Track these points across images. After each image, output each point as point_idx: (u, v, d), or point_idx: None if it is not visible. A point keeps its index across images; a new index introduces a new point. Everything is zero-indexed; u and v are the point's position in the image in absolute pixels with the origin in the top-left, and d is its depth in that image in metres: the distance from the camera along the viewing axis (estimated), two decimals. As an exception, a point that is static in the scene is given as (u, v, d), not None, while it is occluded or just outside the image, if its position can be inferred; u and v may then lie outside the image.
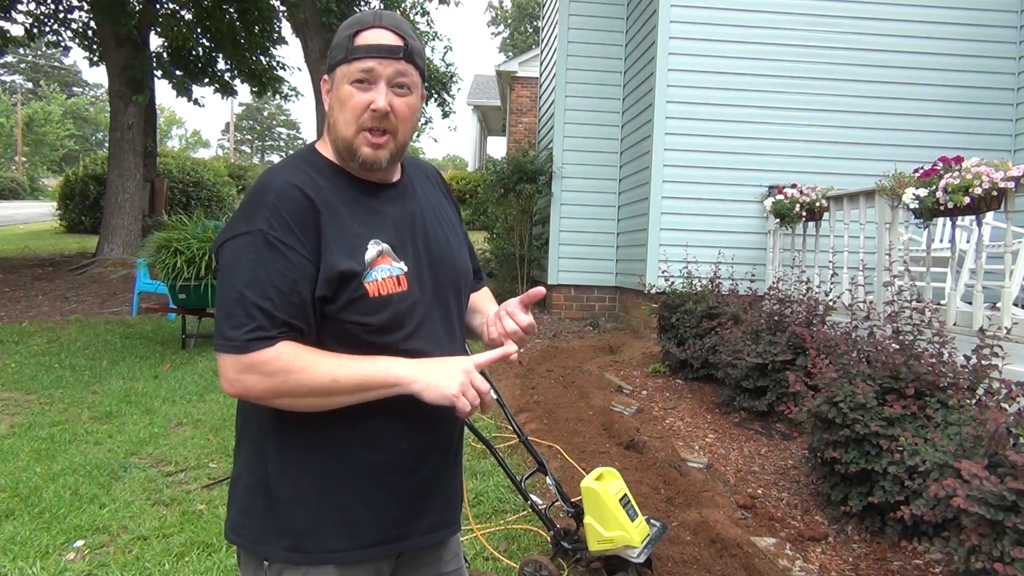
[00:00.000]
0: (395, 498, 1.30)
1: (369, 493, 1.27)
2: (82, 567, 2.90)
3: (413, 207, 1.37)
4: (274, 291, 1.17)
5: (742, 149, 6.83)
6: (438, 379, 1.19)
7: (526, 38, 38.59)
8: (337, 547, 1.25)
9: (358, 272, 1.23)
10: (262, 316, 1.16)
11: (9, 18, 14.10)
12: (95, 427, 4.75)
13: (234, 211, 1.27)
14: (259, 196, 1.22)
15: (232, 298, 1.18)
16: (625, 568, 2.57)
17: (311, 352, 1.19)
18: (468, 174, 22.20)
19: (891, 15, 6.84)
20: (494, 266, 10.74)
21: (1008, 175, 3.84)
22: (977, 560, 2.18)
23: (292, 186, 1.23)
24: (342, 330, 1.23)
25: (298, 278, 1.19)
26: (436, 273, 1.35)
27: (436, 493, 1.37)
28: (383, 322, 1.24)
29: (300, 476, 1.25)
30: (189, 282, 6.80)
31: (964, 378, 3.18)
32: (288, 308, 1.18)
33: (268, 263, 1.17)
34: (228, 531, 1.33)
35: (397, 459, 1.29)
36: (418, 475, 1.32)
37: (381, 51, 1.25)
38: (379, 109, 1.25)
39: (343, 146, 1.28)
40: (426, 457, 1.33)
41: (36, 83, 54.88)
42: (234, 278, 1.18)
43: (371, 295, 1.23)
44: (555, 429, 4.47)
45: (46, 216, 23.04)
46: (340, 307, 1.22)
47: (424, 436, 1.32)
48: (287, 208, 1.20)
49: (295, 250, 1.19)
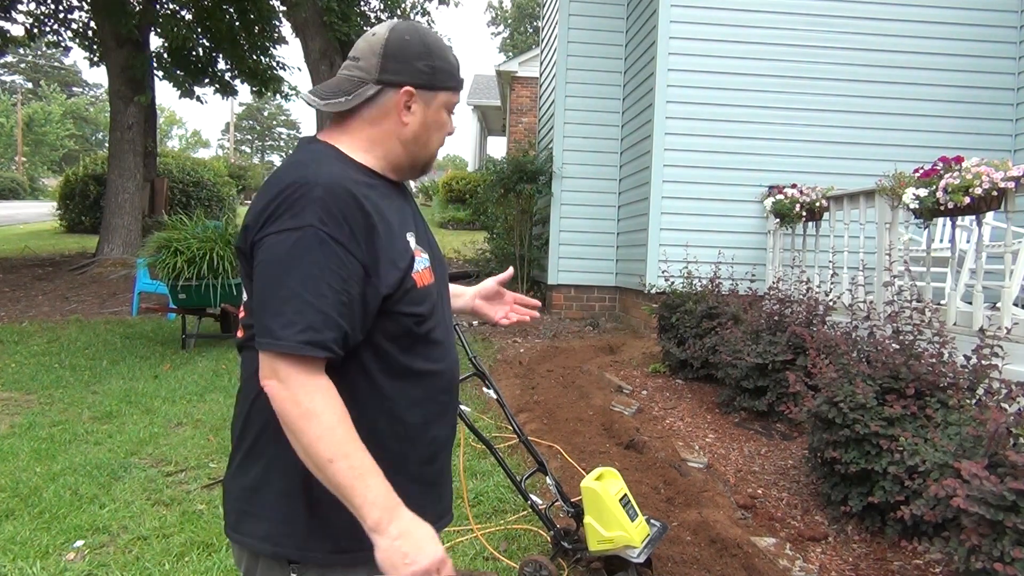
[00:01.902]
0: (421, 487, 1.33)
1: (401, 484, 1.26)
2: (82, 567, 2.90)
3: (413, 205, 1.43)
4: (328, 289, 1.15)
5: (742, 149, 6.83)
6: (416, 547, 1.14)
7: (526, 38, 38.60)
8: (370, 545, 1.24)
9: (411, 265, 1.27)
10: (313, 314, 1.14)
11: (9, 18, 14.10)
12: (95, 427, 4.75)
13: (268, 202, 1.20)
14: (305, 190, 1.18)
15: (282, 296, 1.15)
16: (625, 568, 2.57)
17: (341, 410, 1.16)
18: (468, 174, 22.20)
19: (891, 15, 6.84)
20: (494, 266, 10.73)
21: (1008, 175, 3.84)
22: (977, 560, 2.18)
23: (338, 183, 1.21)
24: (396, 324, 1.26)
25: (348, 276, 1.17)
26: (441, 264, 1.42)
27: (446, 480, 1.43)
28: (427, 311, 1.30)
29: None
30: (190, 282, 6.80)
31: (964, 378, 3.18)
32: (339, 307, 1.16)
33: (321, 260, 1.15)
34: (261, 542, 1.26)
35: (422, 450, 1.33)
36: (435, 465, 1.37)
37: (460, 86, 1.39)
38: (451, 134, 1.41)
39: (424, 163, 1.38)
40: (442, 447, 1.38)
41: (36, 83, 54.91)
42: (285, 275, 1.15)
43: (419, 286, 1.28)
44: (555, 429, 4.47)
45: (46, 216, 23.04)
46: (396, 300, 1.24)
47: (443, 426, 1.37)
48: (337, 205, 1.18)
49: (346, 248, 1.17)
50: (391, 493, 1.16)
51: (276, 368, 1.14)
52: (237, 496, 1.30)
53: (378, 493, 1.14)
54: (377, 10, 14.49)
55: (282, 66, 16.26)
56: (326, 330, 1.14)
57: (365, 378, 1.25)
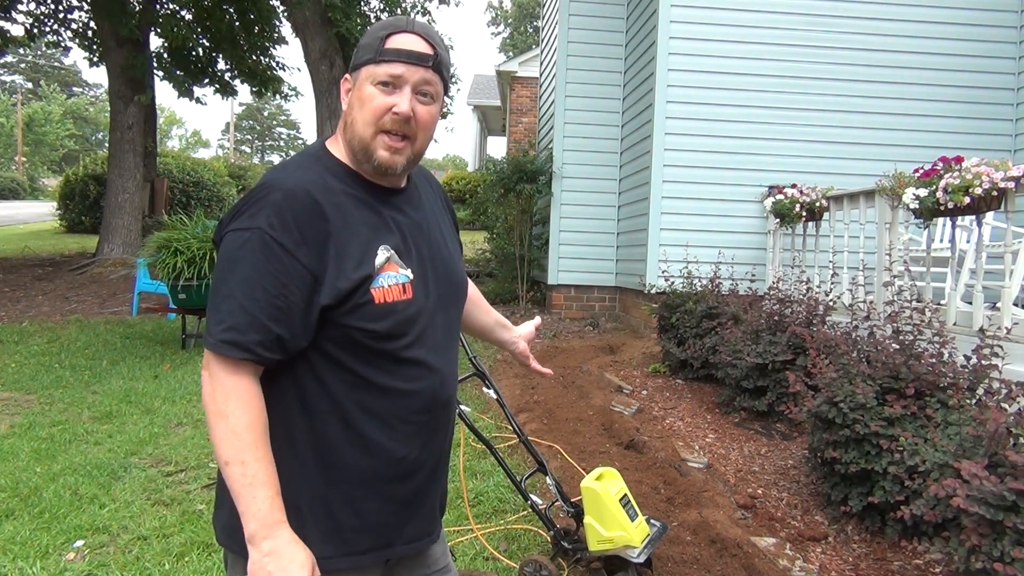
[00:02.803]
0: (385, 506, 1.29)
1: (360, 500, 1.27)
2: (82, 567, 2.90)
3: (419, 216, 1.37)
4: (262, 292, 1.16)
5: (742, 149, 6.83)
6: (281, 569, 1.14)
7: (526, 38, 38.59)
8: (324, 554, 1.23)
9: (366, 278, 1.22)
10: (241, 315, 1.16)
11: (9, 18, 14.10)
12: (95, 427, 4.75)
13: (241, 200, 1.25)
14: (266, 193, 1.21)
15: (222, 293, 1.19)
16: (625, 568, 2.57)
17: (252, 416, 1.17)
18: (468, 174, 22.21)
19: (891, 15, 6.84)
20: (494, 266, 10.74)
21: (1008, 175, 3.84)
22: (977, 560, 2.18)
23: (302, 188, 1.21)
24: (344, 335, 1.22)
25: (288, 282, 1.17)
26: (440, 282, 1.36)
27: (423, 503, 1.37)
28: (386, 329, 1.24)
29: (295, 481, 1.23)
30: (190, 282, 6.80)
31: (964, 378, 3.18)
32: (271, 311, 1.17)
33: (260, 263, 1.17)
34: (221, 534, 1.30)
35: (391, 468, 1.28)
36: (409, 485, 1.32)
37: (411, 57, 1.25)
38: (401, 113, 1.24)
39: (359, 146, 1.26)
40: (418, 467, 1.33)
41: (36, 83, 54.90)
42: (226, 273, 1.19)
43: (376, 302, 1.22)
44: (555, 429, 4.47)
45: (46, 216, 23.04)
46: (344, 312, 1.21)
47: (420, 446, 1.32)
48: (293, 210, 1.19)
49: (291, 254, 1.17)
50: (275, 510, 1.17)
51: (207, 361, 1.20)
52: (217, 485, 1.33)
53: (261, 506, 1.15)
54: (377, 10, 14.50)
55: (282, 66, 16.28)
56: (250, 332, 1.16)
57: (315, 381, 1.24)
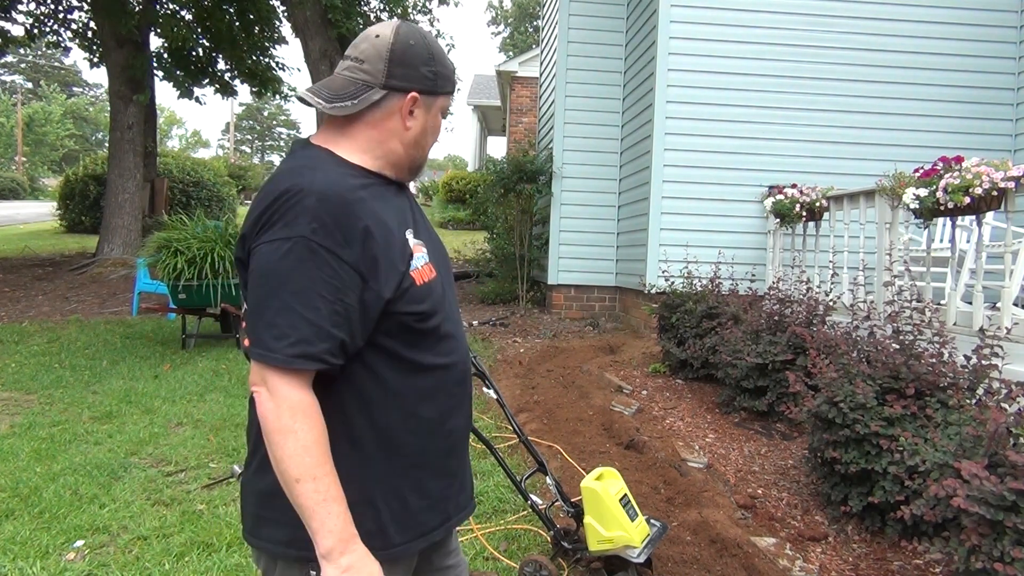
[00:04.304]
0: (445, 480, 1.35)
1: (425, 480, 1.31)
2: (82, 567, 2.90)
3: (412, 202, 1.44)
4: (320, 300, 1.16)
5: (742, 149, 6.83)
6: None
7: (526, 38, 38.59)
8: (401, 540, 1.28)
9: (409, 263, 1.27)
10: (305, 327, 1.15)
11: (9, 18, 14.10)
12: (95, 427, 4.75)
13: (264, 209, 1.20)
14: (298, 199, 1.18)
15: (275, 307, 1.15)
16: (625, 568, 2.57)
17: (319, 431, 1.16)
18: (468, 174, 22.20)
19: (891, 15, 6.84)
20: (494, 266, 10.73)
21: (1008, 175, 3.84)
22: (977, 560, 2.18)
23: (332, 190, 1.20)
24: (396, 323, 1.25)
25: (342, 286, 1.17)
26: (441, 258, 1.42)
27: (465, 470, 1.44)
28: (429, 308, 1.28)
29: (366, 478, 1.25)
30: (190, 282, 6.80)
31: (964, 378, 3.18)
32: (333, 318, 1.16)
33: (313, 271, 1.15)
34: (285, 548, 1.26)
35: (443, 442, 1.34)
36: (456, 455, 1.38)
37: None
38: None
39: (420, 165, 1.39)
40: (461, 435, 1.39)
41: (36, 83, 54.90)
42: (275, 286, 1.16)
43: (418, 283, 1.27)
44: (555, 429, 4.47)
45: (46, 216, 23.04)
46: (395, 301, 1.24)
47: (459, 417, 1.38)
48: (330, 213, 1.18)
49: (338, 257, 1.17)
50: (349, 524, 1.17)
51: (266, 377, 1.16)
52: (254, 501, 1.30)
53: (337, 522, 1.15)
54: (377, 10, 14.49)
55: (282, 66, 16.28)
56: (319, 342, 1.16)
57: (372, 377, 1.25)
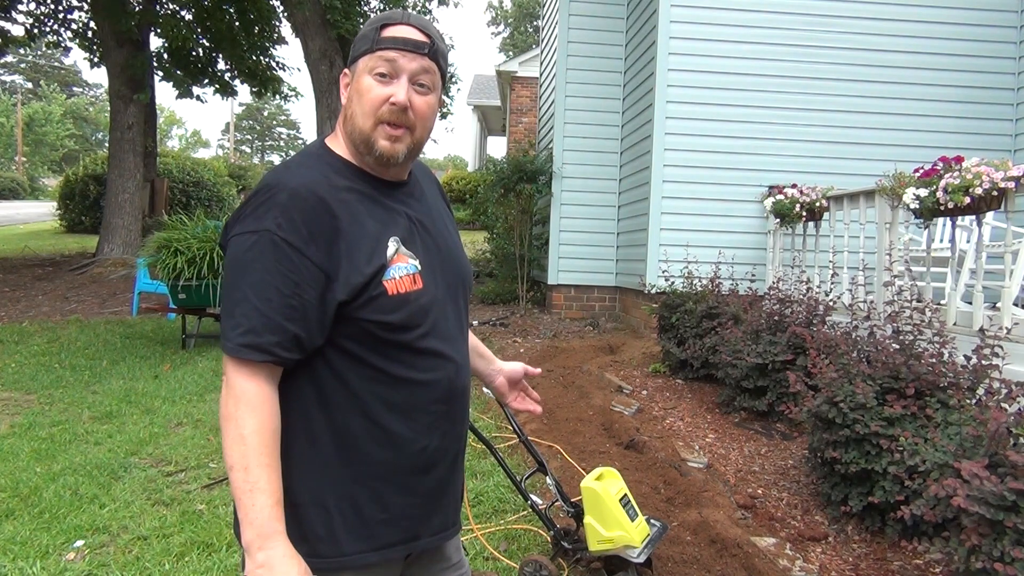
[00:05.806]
0: (410, 498, 1.30)
1: (386, 494, 1.27)
2: (82, 567, 2.90)
3: (423, 208, 1.38)
4: (276, 293, 1.16)
5: (742, 149, 6.83)
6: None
7: (526, 38, 38.59)
8: (352, 550, 1.24)
9: (379, 271, 1.23)
10: (256, 317, 1.16)
11: (9, 18, 14.11)
12: (95, 427, 4.75)
13: (244, 202, 1.25)
14: (271, 194, 1.20)
15: (235, 297, 1.19)
16: (625, 568, 2.57)
17: (261, 421, 1.17)
18: (468, 174, 22.20)
19: (891, 15, 6.84)
20: (494, 266, 10.74)
21: (1008, 175, 3.84)
22: (977, 560, 2.18)
23: (306, 187, 1.21)
24: (360, 329, 1.22)
25: (300, 280, 1.18)
26: (446, 271, 1.36)
27: (446, 493, 1.38)
28: (401, 320, 1.24)
29: (320, 479, 1.24)
30: (190, 282, 6.80)
31: (964, 378, 3.17)
32: (286, 311, 1.17)
33: (272, 265, 1.17)
34: (236, 530, 1.29)
35: (413, 459, 1.29)
36: (431, 475, 1.32)
37: (407, 44, 1.25)
38: (399, 102, 1.24)
39: (360, 139, 1.26)
40: (439, 457, 1.33)
41: (36, 83, 54.89)
42: (237, 277, 1.19)
43: (390, 293, 1.23)
44: (555, 429, 4.47)
45: (46, 216, 23.05)
46: (359, 306, 1.21)
47: (440, 436, 1.32)
48: (299, 209, 1.19)
49: (301, 253, 1.18)
50: (274, 521, 1.14)
51: (225, 366, 1.21)
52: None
53: (259, 515, 1.13)
54: (376, 10, 14.50)
55: (282, 66, 16.28)
56: (267, 334, 1.16)
57: (334, 376, 1.24)
